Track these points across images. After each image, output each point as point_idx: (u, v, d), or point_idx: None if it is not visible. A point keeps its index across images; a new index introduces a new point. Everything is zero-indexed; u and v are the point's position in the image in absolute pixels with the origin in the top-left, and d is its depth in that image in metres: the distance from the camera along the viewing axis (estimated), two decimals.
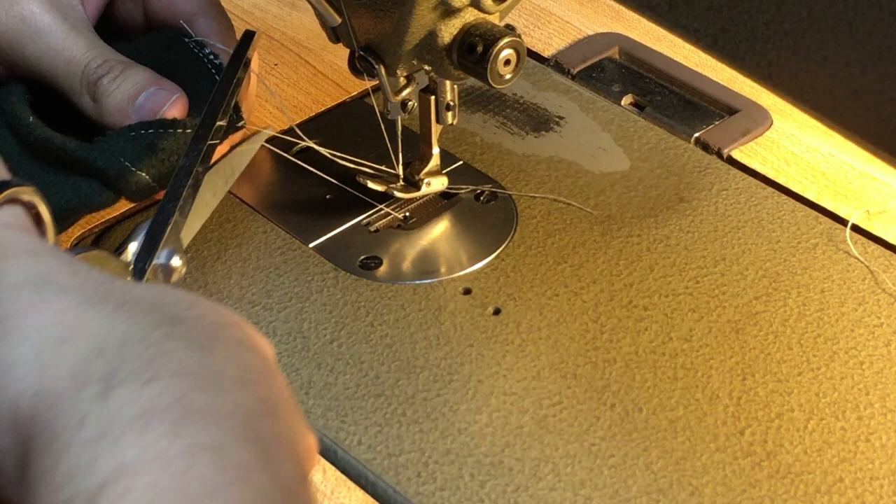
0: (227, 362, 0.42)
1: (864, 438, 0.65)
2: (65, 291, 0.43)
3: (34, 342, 0.41)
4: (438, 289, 0.72)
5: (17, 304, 0.42)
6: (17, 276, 0.43)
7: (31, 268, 0.43)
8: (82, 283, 0.43)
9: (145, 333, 0.41)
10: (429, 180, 0.75)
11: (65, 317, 0.42)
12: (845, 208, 0.77)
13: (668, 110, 0.84)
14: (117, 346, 0.41)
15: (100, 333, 0.41)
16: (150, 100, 0.70)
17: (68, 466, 0.38)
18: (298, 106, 0.85)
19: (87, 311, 0.42)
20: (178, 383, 0.40)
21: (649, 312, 0.71)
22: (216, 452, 0.39)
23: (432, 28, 0.68)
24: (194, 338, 0.42)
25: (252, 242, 0.75)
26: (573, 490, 0.62)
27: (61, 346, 0.41)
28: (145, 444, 0.38)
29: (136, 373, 0.40)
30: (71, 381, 0.40)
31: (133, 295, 0.43)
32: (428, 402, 0.66)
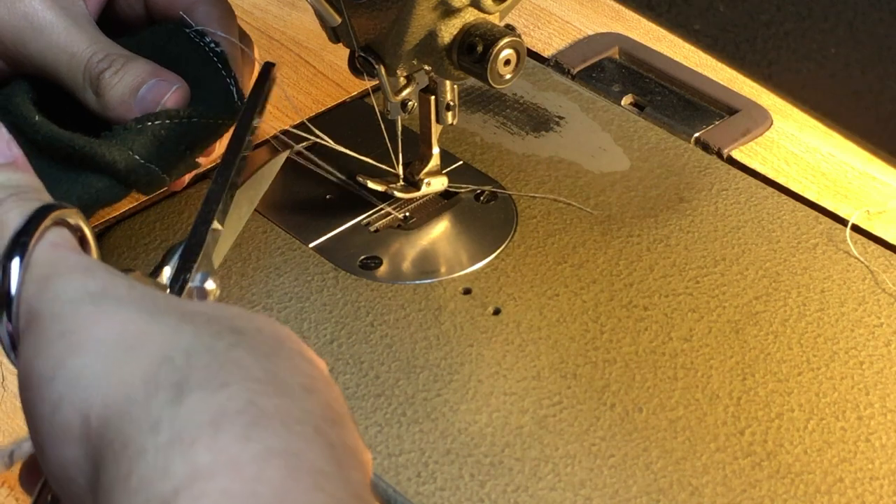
0: (293, 371, 0.42)
1: (864, 438, 0.65)
2: (125, 304, 0.43)
3: (100, 353, 0.42)
4: (438, 289, 0.72)
5: (79, 318, 0.43)
6: (75, 291, 0.44)
7: (88, 283, 0.44)
8: (140, 297, 0.44)
9: (211, 343, 0.42)
10: (429, 180, 0.75)
11: (128, 328, 0.42)
12: (845, 208, 0.77)
13: (668, 110, 0.84)
14: (185, 355, 0.41)
15: (165, 343, 0.42)
16: (151, 91, 0.70)
17: (143, 472, 0.39)
18: (298, 106, 0.85)
19: (149, 322, 0.43)
20: (247, 389, 0.40)
21: (649, 312, 0.71)
22: (288, 457, 0.39)
23: (432, 28, 0.68)
24: (258, 348, 0.42)
25: (252, 242, 0.75)
26: (573, 490, 0.62)
27: (128, 355, 0.42)
28: (218, 448, 0.39)
29: (206, 379, 0.40)
30: (142, 389, 0.40)
31: (192, 308, 0.44)
32: (428, 402, 0.66)
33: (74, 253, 0.46)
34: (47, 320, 0.43)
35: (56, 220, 0.47)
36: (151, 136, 0.69)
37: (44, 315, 0.44)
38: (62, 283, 0.44)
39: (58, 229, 0.47)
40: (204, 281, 0.56)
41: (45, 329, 0.43)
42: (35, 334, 0.43)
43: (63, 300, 0.44)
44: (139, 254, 0.74)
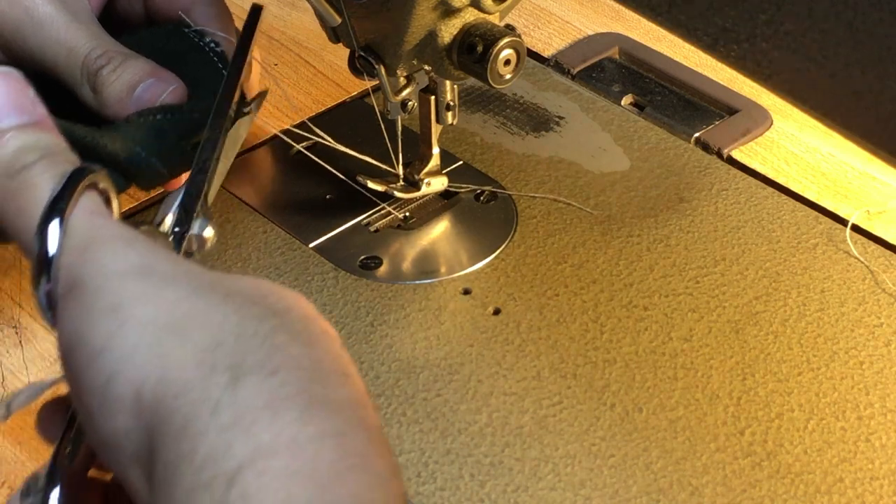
0: (328, 357, 0.44)
1: (864, 438, 0.65)
2: (172, 282, 0.45)
3: (152, 331, 0.43)
4: (438, 289, 0.72)
5: (127, 294, 0.44)
6: (119, 264, 0.45)
7: (131, 256, 0.45)
8: (185, 273, 0.45)
9: (256, 326, 0.44)
10: (429, 180, 0.75)
11: (178, 307, 0.44)
12: (845, 208, 0.77)
13: (668, 110, 0.84)
14: (235, 338, 0.43)
15: (214, 324, 0.44)
16: (148, 90, 0.70)
17: (207, 450, 0.41)
18: (298, 106, 0.85)
19: (197, 301, 0.44)
20: (297, 376, 0.43)
21: (649, 312, 0.71)
22: (340, 439, 0.42)
23: (432, 28, 0.68)
24: (297, 333, 0.44)
25: (252, 242, 0.75)
26: (573, 490, 0.62)
27: (180, 334, 0.43)
28: (277, 430, 0.41)
29: (259, 364, 0.42)
30: (197, 370, 0.42)
31: (231, 286, 0.46)
32: (428, 402, 0.66)
33: (112, 221, 0.47)
34: (92, 291, 0.44)
35: (89, 183, 0.48)
36: (153, 129, 0.69)
37: (88, 285, 0.45)
38: (105, 253, 0.45)
39: (91, 193, 0.48)
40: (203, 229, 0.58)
41: (91, 300, 0.44)
42: (80, 304, 0.45)
43: (108, 272, 0.45)
44: None
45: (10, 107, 0.49)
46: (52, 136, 0.50)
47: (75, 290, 0.45)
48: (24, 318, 0.71)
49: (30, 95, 0.50)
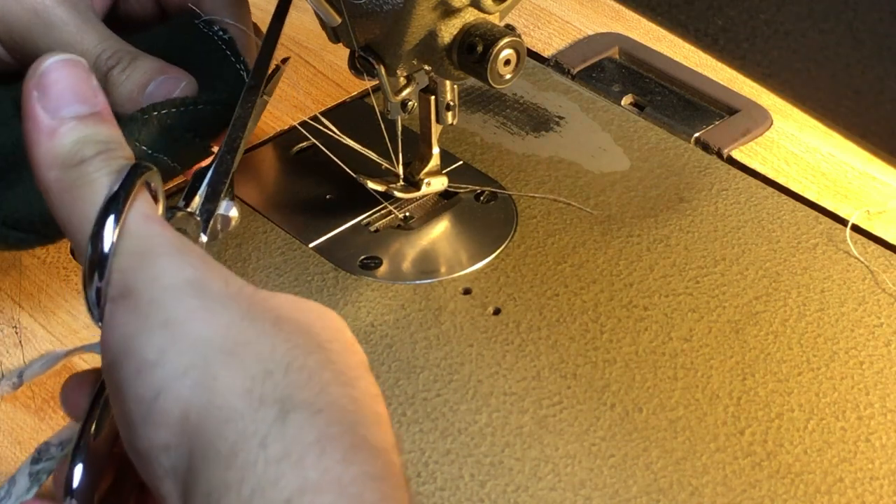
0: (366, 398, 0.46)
1: (864, 438, 0.65)
2: (225, 303, 0.46)
3: (205, 352, 0.44)
4: (438, 289, 0.72)
5: (181, 310, 0.45)
6: (174, 278, 0.46)
7: (186, 270, 0.46)
8: (237, 294, 0.46)
9: (304, 359, 0.45)
10: (429, 180, 0.75)
11: (230, 330, 0.45)
12: (845, 208, 0.77)
13: (668, 110, 0.84)
14: (284, 370, 0.44)
15: (265, 352, 0.44)
16: (159, 88, 0.70)
17: (256, 482, 0.42)
18: (298, 106, 0.85)
19: (249, 327, 0.45)
20: (341, 417, 0.44)
21: (649, 312, 0.71)
22: (379, 483, 0.43)
23: (432, 28, 0.68)
24: (340, 371, 0.45)
25: (252, 242, 0.75)
26: (573, 490, 0.62)
27: (232, 359, 0.44)
28: (324, 467, 0.42)
29: (306, 401, 0.44)
30: (247, 399, 0.43)
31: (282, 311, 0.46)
32: (428, 402, 0.66)
33: (167, 229, 0.48)
34: (147, 302, 0.45)
35: (143, 182, 0.48)
36: (158, 125, 0.69)
37: (143, 296, 0.45)
38: (160, 265, 0.46)
39: (144, 193, 0.48)
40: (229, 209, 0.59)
41: (145, 312, 0.45)
42: (133, 312, 0.45)
43: (163, 285, 0.45)
44: None
45: (71, 95, 0.49)
46: (111, 129, 0.50)
47: (129, 298, 0.45)
48: (24, 318, 0.71)
49: (93, 84, 0.50)
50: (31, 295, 0.72)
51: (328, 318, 0.47)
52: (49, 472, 0.56)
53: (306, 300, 0.48)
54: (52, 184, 0.48)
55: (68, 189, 0.48)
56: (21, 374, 0.66)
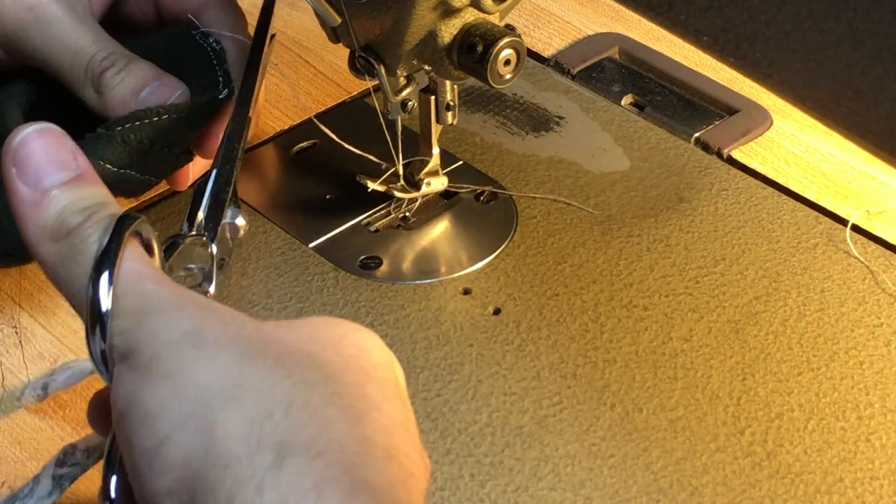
0: (378, 433, 0.45)
1: (864, 438, 0.65)
2: (224, 347, 0.46)
3: (204, 400, 0.45)
4: (438, 289, 0.72)
5: (181, 361, 0.45)
6: (172, 331, 0.46)
7: (183, 322, 0.46)
8: (235, 335, 0.46)
9: (307, 396, 0.45)
10: (429, 180, 0.75)
11: (229, 373, 0.45)
12: (845, 208, 0.77)
13: (668, 110, 0.84)
14: (284, 409, 0.44)
15: (265, 392, 0.45)
16: (153, 95, 0.70)
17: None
18: (299, 106, 0.85)
19: (248, 366, 0.45)
20: (342, 458, 0.44)
21: (649, 312, 0.71)
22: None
23: (432, 28, 0.68)
24: (348, 405, 0.45)
25: (252, 242, 0.75)
26: (573, 490, 0.62)
27: (231, 403, 0.44)
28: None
29: (306, 444, 0.44)
30: (244, 444, 0.44)
31: (286, 345, 0.46)
32: (428, 402, 0.66)
33: (161, 286, 0.48)
34: (148, 359, 0.46)
35: (131, 234, 0.48)
36: (121, 141, 0.68)
37: (144, 353, 0.46)
38: (158, 321, 0.46)
39: (135, 249, 0.48)
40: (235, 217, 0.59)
41: (147, 368, 0.46)
42: (136, 371, 0.46)
43: (162, 340, 0.46)
44: None
45: (49, 164, 0.49)
46: (95, 189, 0.50)
47: (132, 358, 0.46)
48: (24, 318, 0.71)
49: (69, 148, 0.50)
50: (31, 295, 0.72)
51: (345, 344, 0.47)
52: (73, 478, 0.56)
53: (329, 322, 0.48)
54: (44, 257, 0.49)
55: (61, 262, 0.48)
56: (46, 387, 0.65)
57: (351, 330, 0.48)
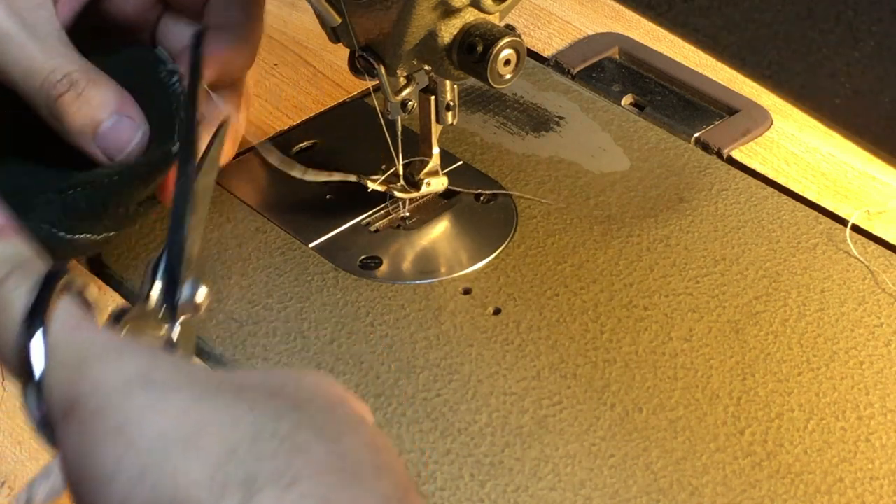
0: (359, 450, 0.42)
1: (864, 438, 0.65)
2: (176, 389, 0.43)
3: (161, 448, 0.41)
4: (438, 289, 0.72)
5: (132, 411, 0.42)
6: (117, 379, 0.43)
7: (128, 368, 0.43)
8: (188, 377, 0.43)
9: (275, 425, 0.42)
10: (429, 180, 0.75)
11: (186, 417, 0.42)
12: (845, 208, 0.77)
13: (668, 110, 0.84)
14: (249, 443, 0.41)
15: (226, 429, 0.41)
16: (114, 130, 0.65)
17: None
18: (299, 106, 0.85)
19: (205, 406, 0.42)
20: (319, 483, 0.40)
21: (649, 312, 0.71)
22: None
23: (432, 28, 0.68)
24: (322, 427, 0.42)
25: (252, 242, 0.75)
26: (573, 490, 0.62)
27: (191, 447, 0.41)
28: None
29: (276, 475, 0.40)
30: (208, 489, 0.40)
31: (244, 381, 0.43)
32: (428, 402, 0.66)
33: (97, 333, 0.45)
34: (93, 412, 0.42)
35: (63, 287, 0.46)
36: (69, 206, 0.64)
37: (87, 406, 0.43)
38: (99, 370, 0.43)
39: (67, 302, 0.46)
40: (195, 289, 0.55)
41: (94, 422, 0.42)
42: (82, 426, 0.43)
43: (106, 390, 0.43)
44: (139, 253, 0.74)
45: None
46: (19, 243, 0.47)
47: (75, 412, 0.43)
48: None
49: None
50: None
51: (304, 381, 0.44)
52: None
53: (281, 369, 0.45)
54: None
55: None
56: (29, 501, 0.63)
57: (305, 371, 0.45)
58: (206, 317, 0.56)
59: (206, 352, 0.69)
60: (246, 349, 0.69)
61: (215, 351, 0.69)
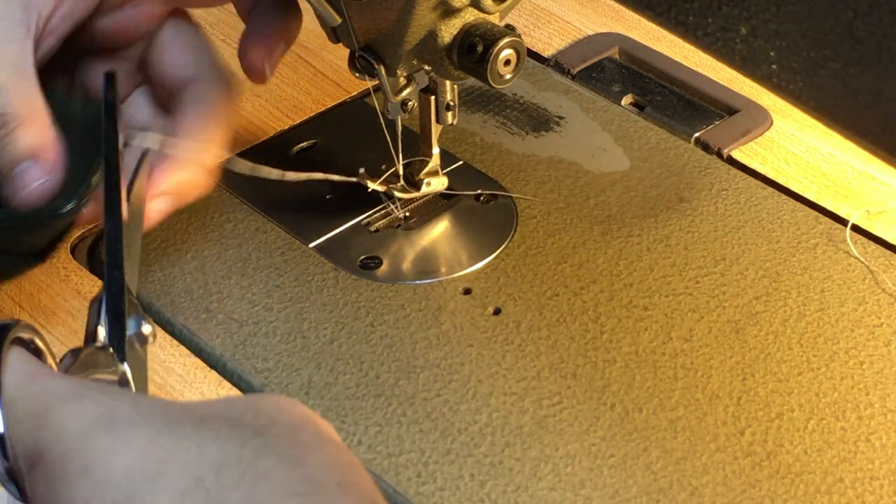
0: (323, 470, 0.42)
1: (864, 438, 0.65)
2: (138, 426, 0.43)
3: (128, 486, 0.41)
4: (438, 289, 0.72)
5: (96, 453, 0.42)
6: (80, 422, 0.43)
7: (89, 410, 0.43)
8: (149, 412, 0.43)
9: (239, 452, 0.42)
10: (429, 180, 0.75)
11: (149, 452, 0.42)
12: (845, 208, 0.77)
13: (668, 110, 0.84)
14: (215, 472, 0.41)
15: (191, 460, 0.42)
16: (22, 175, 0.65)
17: None
18: (299, 106, 0.85)
19: (168, 439, 0.42)
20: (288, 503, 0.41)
21: (649, 312, 0.71)
22: None
23: (432, 28, 0.68)
24: (284, 451, 0.42)
25: (252, 242, 0.75)
26: (573, 490, 0.62)
27: (155, 483, 0.41)
28: None
29: (241, 502, 0.41)
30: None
31: (205, 411, 0.44)
32: (428, 402, 0.66)
33: (57, 378, 0.45)
34: (59, 458, 0.43)
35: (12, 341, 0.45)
36: None
37: (53, 454, 0.43)
38: (60, 417, 0.43)
39: (19, 353, 0.45)
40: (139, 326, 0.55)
41: (60, 469, 0.42)
42: (49, 475, 0.43)
43: (70, 434, 0.43)
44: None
45: None
46: None
47: (41, 463, 0.43)
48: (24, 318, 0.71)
49: None
50: (31, 295, 0.72)
51: (264, 405, 0.44)
52: None
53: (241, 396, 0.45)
54: None
55: None
56: None
57: (265, 396, 0.46)
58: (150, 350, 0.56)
59: (206, 352, 0.69)
60: (246, 349, 0.69)
61: (215, 351, 0.69)
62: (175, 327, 0.71)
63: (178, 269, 0.73)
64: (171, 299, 0.72)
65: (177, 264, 0.74)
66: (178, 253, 0.74)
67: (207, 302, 0.71)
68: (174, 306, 0.71)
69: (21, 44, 0.66)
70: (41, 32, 0.67)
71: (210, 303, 0.71)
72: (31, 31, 0.66)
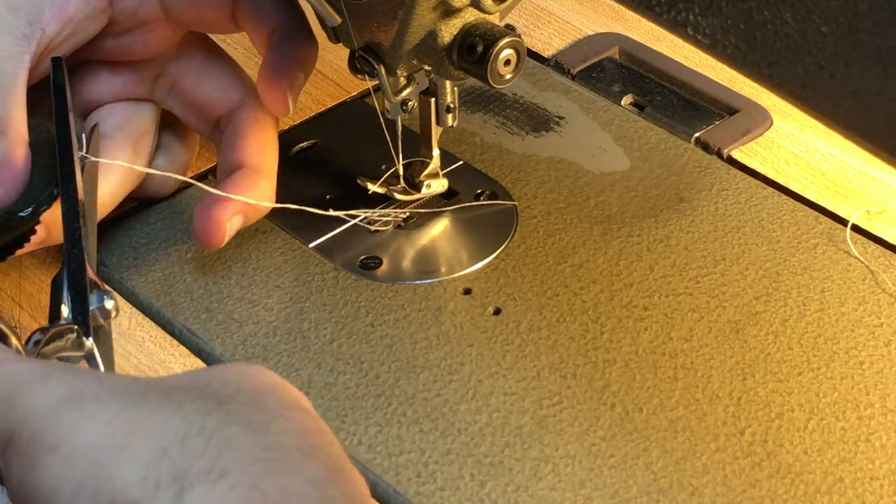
0: (287, 436, 0.43)
1: (864, 438, 0.65)
2: (104, 401, 0.44)
3: (94, 458, 0.42)
4: (438, 289, 0.72)
5: (64, 428, 0.43)
6: (46, 403, 0.44)
7: (56, 389, 0.44)
8: (114, 387, 0.44)
9: (202, 422, 0.43)
10: (429, 182, 0.76)
11: (116, 425, 0.43)
12: (845, 208, 0.77)
13: (668, 110, 0.84)
14: (179, 442, 0.42)
15: (156, 431, 0.43)
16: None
17: None
18: (298, 106, 0.84)
19: (133, 412, 0.43)
20: (248, 473, 0.42)
21: (649, 312, 0.71)
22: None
23: (432, 28, 0.68)
24: (248, 419, 0.43)
25: (252, 242, 0.75)
26: (573, 490, 0.62)
27: (122, 453, 0.42)
28: None
29: (205, 469, 0.42)
30: (142, 490, 0.42)
31: (169, 383, 0.45)
32: (428, 402, 0.66)
33: (20, 363, 0.46)
34: (29, 438, 0.44)
35: None
36: None
37: (23, 435, 0.44)
38: (29, 395, 0.44)
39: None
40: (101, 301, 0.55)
41: (30, 448, 0.44)
42: (21, 455, 0.44)
43: (38, 414, 0.44)
44: (140, 254, 0.74)
45: None
46: None
47: (12, 444, 0.44)
48: (24, 318, 0.71)
49: None
50: (31, 295, 0.72)
51: (229, 373, 0.45)
52: None
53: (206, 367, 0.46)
54: None
55: None
56: None
57: (231, 365, 0.47)
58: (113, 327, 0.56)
59: (206, 352, 0.69)
60: (246, 349, 0.69)
61: (215, 351, 0.69)
62: (175, 327, 0.71)
63: (178, 269, 0.73)
64: (171, 299, 0.72)
65: (177, 264, 0.74)
66: (178, 253, 0.74)
67: (207, 302, 0.72)
68: (174, 306, 0.71)
69: (19, 58, 0.67)
70: (43, 50, 0.68)
71: (210, 303, 0.71)
72: (33, 47, 0.68)
